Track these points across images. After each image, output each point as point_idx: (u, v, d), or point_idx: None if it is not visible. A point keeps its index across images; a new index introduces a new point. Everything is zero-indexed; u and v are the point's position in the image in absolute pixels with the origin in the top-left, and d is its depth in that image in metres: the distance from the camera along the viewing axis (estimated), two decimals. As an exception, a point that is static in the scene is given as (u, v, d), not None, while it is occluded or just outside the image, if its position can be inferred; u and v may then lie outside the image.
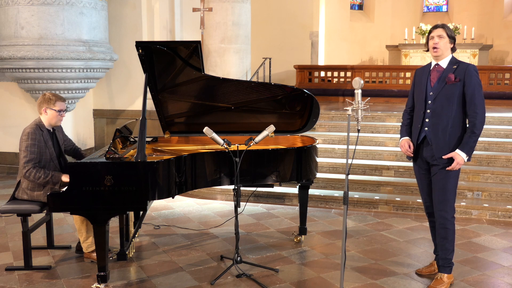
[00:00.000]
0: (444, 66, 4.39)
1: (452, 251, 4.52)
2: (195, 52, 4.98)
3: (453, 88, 4.29)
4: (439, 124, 4.34)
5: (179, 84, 5.35)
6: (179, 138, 5.93)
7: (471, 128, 4.25)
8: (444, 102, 4.32)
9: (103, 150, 5.30)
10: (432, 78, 4.41)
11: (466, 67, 4.29)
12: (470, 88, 4.25)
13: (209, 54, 9.36)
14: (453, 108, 4.29)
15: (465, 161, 4.29)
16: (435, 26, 4.41)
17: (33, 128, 4.84)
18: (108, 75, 9.44)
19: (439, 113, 4.34)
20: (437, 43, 4.34)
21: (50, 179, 4.74)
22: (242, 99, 5.56)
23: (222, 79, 5.38)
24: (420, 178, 4.62)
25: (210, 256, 5.31)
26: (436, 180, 4.42)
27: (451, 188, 4.39)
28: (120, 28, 9.32)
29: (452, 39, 4.37)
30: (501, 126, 8.68)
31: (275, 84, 5.53)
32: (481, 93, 4.29)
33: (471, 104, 4.24)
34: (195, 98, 5.53)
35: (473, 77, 4.25)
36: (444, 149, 4.35)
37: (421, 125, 4.44)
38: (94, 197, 4.23)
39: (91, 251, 5.08)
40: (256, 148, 5.11)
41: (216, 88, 5.47)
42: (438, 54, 4.36)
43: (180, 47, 5.02)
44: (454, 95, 4.28)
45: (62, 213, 6.49)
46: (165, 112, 5.63)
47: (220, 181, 4.93)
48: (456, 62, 4.36)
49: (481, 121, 4.23)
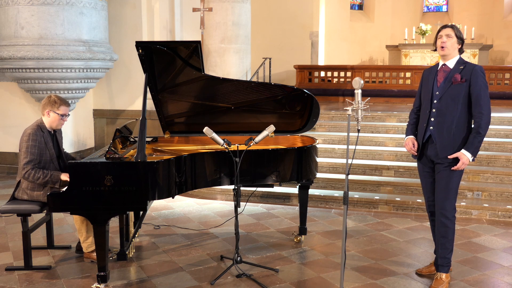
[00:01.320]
0: (451, 66, 4.41)
1: (451, 250, 4.53)
2: (195, 52, 4.98)
3: (459, 88, 4.32)
4: (444, 123, 4.37)
5: (179, 84, 5.35)
6: (179, 138, 5.92)
7: (477, 128, 4.27)
8: (449, 101, 4.35)
9: (103, 150, 5.30)
10: (439, 78, 4.44)
11: (472, 68, 4.31)
12: (476, 89, 4.27)
13: (209, 54, 9.36)
14: (458, 108, 4.32)
15: (470, 161, 4.31)
16: (445, 26, 4.42)
17: (34, 129, 4.84)
18: (108, 75, 9.45)
19: (444, 113, 4.37)
20: (444, 42, 4.34)
21: (49, 178, 4.74)
22: (242, 99, 5.55)
23: (222, 79, 5.38)
24: (424, 176, 4.64)
25: (210, 256, 5.31)
26: (440, 178, 4.44)
27: (454, 187, 4.41)
28: (120, 28, 9.33)
29: (460, 40, 4.39)
30: (501, 126, 8.67)
31: (275, 84, 5.54)
32: (487, 94, 4.31)
33: (477, 105, 4.27)
34: (195, 98, 5.53)
35: (479, 78, 4.28)
36: (448, 148, 4.37)
37: (426, 124, 4.47)
38: (94, 197, 4.23)
39: (91, 251, 5.08)
40: (256, 148, 5.11)
41: (216, 88, 5.47)
42: (446, 53, 4.37)
43: (180, 47, 5.02)
44: (459, 95, 4.31)
45: (62, 213, 6.49)
46: (165, 112, 5.63)
47: (220, 181, 4.92)
48: (463, 63, 4.39)
49: (487, 122, 4.26)
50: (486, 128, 4.26)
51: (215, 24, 9.29)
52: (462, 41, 4.41)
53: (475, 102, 4.27)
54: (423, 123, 4.50)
